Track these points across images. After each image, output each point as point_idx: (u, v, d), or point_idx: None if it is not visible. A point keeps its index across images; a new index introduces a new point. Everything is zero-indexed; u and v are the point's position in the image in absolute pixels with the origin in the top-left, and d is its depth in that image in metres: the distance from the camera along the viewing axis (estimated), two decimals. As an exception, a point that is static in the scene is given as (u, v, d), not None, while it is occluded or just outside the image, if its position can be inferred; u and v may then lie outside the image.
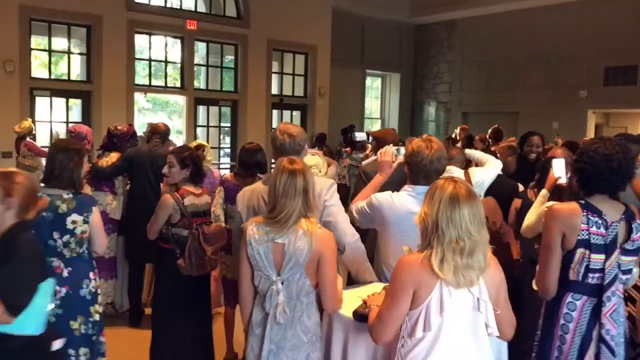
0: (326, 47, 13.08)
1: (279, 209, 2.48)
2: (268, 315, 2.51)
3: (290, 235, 2.47)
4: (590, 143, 2.62)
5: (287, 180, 2.49)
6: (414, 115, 16.39)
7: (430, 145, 2.98)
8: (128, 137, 5.45)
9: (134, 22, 10.39)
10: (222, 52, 12.13)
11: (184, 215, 3.75)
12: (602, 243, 2.44)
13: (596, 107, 12.81)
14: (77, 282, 3.22)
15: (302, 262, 2.47)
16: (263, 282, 2.53)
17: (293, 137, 2.98)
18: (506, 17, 13.57)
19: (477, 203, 2.09)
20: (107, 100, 10.11)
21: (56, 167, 3.22)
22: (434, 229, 2.06)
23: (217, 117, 12.47)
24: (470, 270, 2.03)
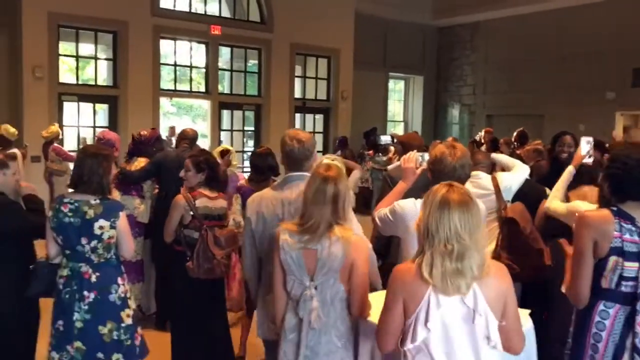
0: (349, 50, 13.08)
1: (307, 217, 2.49)
2: (302, 321, 2.49)
3: (324, 241, 2.46)
4: (623, 148, 2.58)
5: (318, 187, 2.48)
6: (437, 118, 16.29)
7: (454, 152, 2.91)
8: (153, 141, 5.51)
9: (159, 27, 10.52)
10: (245, 56, 12.21)
11: (194, 216, 3.78)
12: (635, 251, 2.39)
13: (624, 109, 12.57)
14: (106, 287, 3.23)
15: (337, 267, 2.46)
16: (296, 287, 2.52)
17: (302, 142, 2.95)
18: (531, 18, 13.41)
19: (471, 208, 2.05)
20: (133, 104, 10.26)
21: (85, 172, 3.23)
22: (426, 233, 2.05)
23: (241, 121, 12.57)
24: (459, 277, 1.99)
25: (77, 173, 3.26)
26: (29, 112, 9.23)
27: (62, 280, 3.22)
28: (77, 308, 3.16)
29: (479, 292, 2.03)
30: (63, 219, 3.17)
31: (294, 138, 2.97)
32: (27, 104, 9.28)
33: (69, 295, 3.18)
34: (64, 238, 3.18)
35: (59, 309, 3.23)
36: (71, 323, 3.16)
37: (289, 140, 2.96)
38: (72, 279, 3.19)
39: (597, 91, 12.24)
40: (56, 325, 3.22)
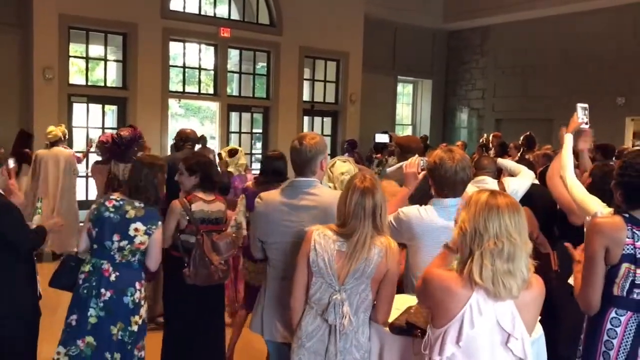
0: (358, 54, 13.08)
1: (349, 228, 2.45)
2: (329, 327, 2.43)
3: (360, 250, 2.41)
4: (634, 155, 2.55)
5: (357, 201, 2.45)
6: (446, 121, 16.25)
7: (452, 156, 2.91)
8: (135, 141, 5.46)
9: (169, 29, 10.56)
10: (254, 58, 12.24)
11: (190, 221, 3.73)
12: None
13: (634, 115, 12.50)
14: (122, 289, 3.25)
15: (370, 273, 2.42)
16: (323, 290, 2.46)
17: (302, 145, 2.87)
18: (541, 23, 13.36)
19: (519, 210, 2.00)
20: (142, 106, 10.29)
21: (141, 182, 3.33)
22: (473, 234, 1.97)
23: (250, 123, 12.59)
24: (510, 278, 1.92)
25: (134, 182, 3.37)
26: (39, 113, 9.27)
27: (83, 275, 3.28)
28: (93, 304, 3.21)
29: (517, 314, 1.98)
30: (103, 213, 3.26)
31: (297, 139, 2.93)
32: (37, 105, 9.33)
33: (87, 291, 3.23)
34: (98, 231, 3.26)
35: (75, 303, 3.28)
36: (85, 318, 3.20)
37: (295, 140, 2.94)
38: (93, 274, 3.25)
39: (607, 96, 12.17)
40: (69, 320, 3.26)
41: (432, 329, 2.06)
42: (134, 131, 5.51)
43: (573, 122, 3.55)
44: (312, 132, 3.18)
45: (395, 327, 2.44)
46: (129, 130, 5.51)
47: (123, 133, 5.40)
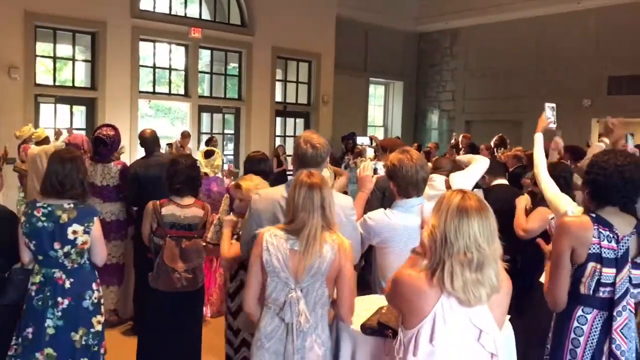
0: (330, 55, 13.11)
1: (299, 223, 2.45)
2: (287, 325, 2.43)
3: (314, 244, 2.42)
4: (601, 155, 2.60)
5: (306, 194, 2.47)
6: (416, 123, 16.39)
7: (410, 156, 2.99)
8: (120, 140, 5.36)
9: (139, 29, 10.42)
10: (226, 59, 12.16)
11: (159, 224, 3.68)
12: (613, 257, 2.41)
13: (600, 116, 12.77)
14: (80, 294, 3.17)
15: (325, 270, 2.43)
16: (279, 289, 2.45)
17: (316, 148, 2.90)
18: (511, 26, 13.58)
19: (487, 215, 2.01)
20: (111, 106, 10.13)
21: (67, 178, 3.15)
22: (443, 241, 1.98)
23: (221, 124, 12.49)
24: (480, 286, 1.95)
25: (57, 179, 3.16)
26: (4, 113, 9.04)
27: (35, 287, 3.14)
28: (50, 314, 3.10)
29: (488, 312, 2.01)
30: (36, 224, 3.09)
31: (309, 142, 2.91)
32: (2, 105, 9.10)
33: (42, 302, 3.11)
34: (37, 243, 3.11)
35: (29, 316, 3.14)
36: (42, 330, 3.09)
37: (303, 144, 2.91)
38: (45, 285, 3.13)
39: (574, 98, 12.43)
40: (24, 333, 3.12)
41: (404, 331, 2.06)
42: (116, 130, 5.38)
43: (541, 122, 3.63)
44: (312, 130, 3.17)
45: (367, 327, 2.44)
46: (111, 129, 5.35)
47: (108, 132, 5.24)
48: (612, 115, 9.71)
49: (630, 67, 11.91)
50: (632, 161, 2.48)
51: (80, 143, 5.21)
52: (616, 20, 11.99)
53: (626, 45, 11.83)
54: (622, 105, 12.08)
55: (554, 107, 3.66)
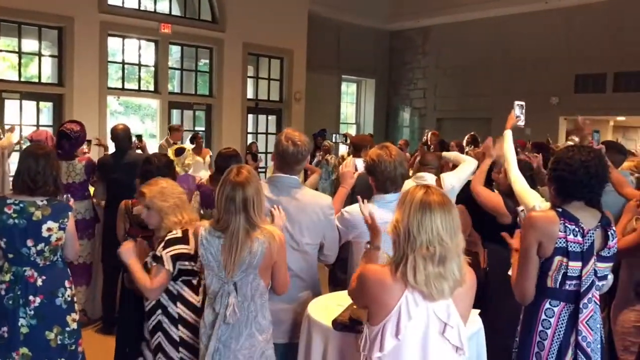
0: (302, 52, 13.08)
1: (223, 222, 2.49)
2: (219, 315, 2.51)
3: (235, 246, 2.46)
4: (565, 151, 2.64)
5: (228, 194, 2.48)
6: (389, 120, 16.48)
7: (389, 152, 3.03)
8: (85, 136, 5.23)
9: (107, 24, 10.24)
10: (196, 55, 12.05)
11: (131, 224, 3.65)
12: (579, 251, 2.46)
13: (567, 114, 13.03)
14: (53, 292, 3.12)
15: (256, 264, 2.49)
16: (215, 282, 2.53)
17: (297, 145, 2.92)
18: (480, 24, 13.74)
19: (450, 209, 2.03)
20: (79, 103, 9.94)
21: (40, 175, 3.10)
22: (406, 235, 2.00)
23: (192, 120, 12.37)
24: (442, 281, 1.97)
25: (29, 176, 3.10)
26: (-33, 109, 8.83)
27: (4, 285, 3.08)
28: (23, 314, 3.05)
29: (452, 304, 2.02)
30: (7, 221, 3.03)
31: (290, 139, 2.93)
32: (-35, 101, 8.89)
33: (13, 301, 3.05)
34: (7, 241, 3.05)
35: (1, 316, 3.07)
36: (16, 329, 3.04)
37: (285, 141, 2.93)
38: (16, 283, 3.06)
39: (542, 96, 12.63)
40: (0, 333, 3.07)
41: (370, 327, 2.06)
42: (82, 126, 5.24)
43: (510, 119, 3.70)
44: (292, 128, 3.16)
45: (339, 323, 2.44)
46: (77, 124, 5.22)
47: (73, 127, 5.10)
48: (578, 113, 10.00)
49: (596, 66, 12.16)
50: (596, 156, 2.54)
51: (44, 139, 5.08)
52: (583, 19, 12.23)
53: (593, 45, 12.07)
54: (588, 103, 12.34)
55: (522, 105, 3.72)
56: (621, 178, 3.89)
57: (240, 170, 2.56)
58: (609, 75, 12.08)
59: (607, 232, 2.53)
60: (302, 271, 2.95)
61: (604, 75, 12.13)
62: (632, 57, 11.57)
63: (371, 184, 3.12)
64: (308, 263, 2.98)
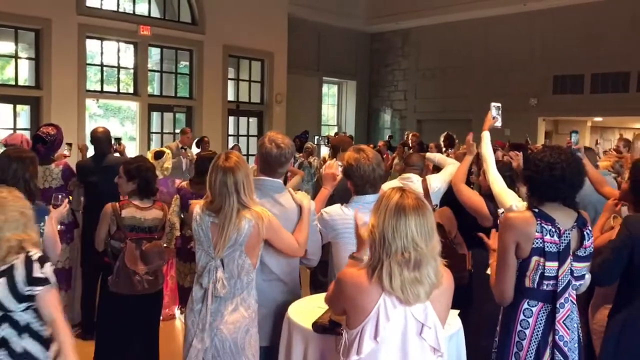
0: (283, 54, 13.07)
1: (217, 204, 2.65)
2: (206, 291, 2.62)
3: (228, 224, 2.60)
4: (538, 152, 2.67)
5: (220, 179, 2.64)
6: (369, 122, 16.54)
7: (366, 155, 3.04)
8: (62, 140, 5.14)
9: (85, 26, 10.15)
10: (176, 57, 11.98)
11: (119, 227, 3.62)
12: (555, 251, 2.48)
13: (546, 115, 13.20)
14: None
15: (243, 241, 2.61)
16: (204, 258, 2.68)
17: (280, 148, 2.92)
18: (460, 27, 13.85)
19: (425, 213, 2.02)
20: (57, 106, 9.83)
21: (9, 177, 3.03)
22: (382, 241, 2.00)
23: (172, 123, 12.29)
24: (418, 285, 1.97)
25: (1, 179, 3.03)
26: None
27: None
28: None
29: (429, 306, 2.02)
30: None
31: (274, 142, 2.93)
32: (-60, 104, 8.73)
33: None
34: None
35: None
36: None
37: (268, 143, 2.93)
38: None
39: (520, 97, 12.77)
40: None
41: (348, 331, 2.06)
42: (58, 129, 5.15)
43: (488, 121, 3.72)
44: (275, 131, 3.17)
45: (319, 326, 2.44)
46: (53, 128, 5.10)
47: (48, 130, 4.98)
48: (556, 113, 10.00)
49: (574, 68, 12.33)
50: (565, 159, 2.53)
51: (19, 143, 4.98)
52: (561, 21, 12.39)
53: (570, 46, 12.23)
54: (566, 104, 12.52)
55: (499, 106, 3.75)
56: (600, 177, 3.94)
57: (229, 155, 2.70)
58: (586, 76, 12.26)
59: (583, 232, 2.55)
60: (285, 275, 2.94)
61: (581, 76, 12.30)
62: (609, 59, 11.76)
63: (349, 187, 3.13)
64: (290, 267, 2.98)
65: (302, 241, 2.84)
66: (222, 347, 2.63)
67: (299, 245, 2.81)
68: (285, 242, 2.78)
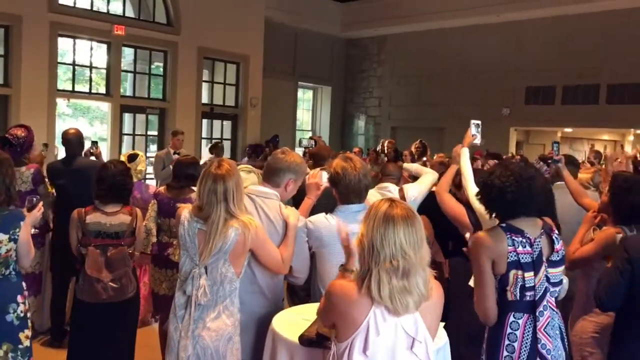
0: (259, 57, 13.00)
1: (205, 212, 2.63)
2: (190, 298, 2.61)
3: (215, 233, 2.59)
4: (489, 173, 2.68)
5: (210, 187, 2.62)
6: (344, 127, 16.57)
7: (353, 164, 3.03)
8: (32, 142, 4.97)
9: (58, 24, 9.93)
10: (150, 58, 11.81)
11: (84, 233, 3.54)
12: (530, 261, 2.49)
13: (517, 125, 13.40)
14: (3, 308, 2.95)
15: (227, 249, 2.59)
16: (187, 264, 2.67)
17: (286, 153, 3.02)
18: (435, 35, 13.99)
19: (414, 222, 2.01)
20: (26, 105, 9.58)
21: None
22: (370, 250, 1.98)
23: (144, 125, 12.09)
24: (407, 295, 1.95)
25: None
26: None
27: None
28: None
29: (419, 319, 2.00)
30: None
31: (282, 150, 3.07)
32: None
33: None
34: None
35: None
36: None
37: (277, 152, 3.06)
38: None
39: (493, 107, 12.96)
40: None
41: (337, 344, 2.03)
42: (29, 131, 4.96)
43: (467, 138, 3.74)
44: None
45: (305, 339, 2.39)
46: (23, 129, 4.92)
47: (17, 132, 4.81)
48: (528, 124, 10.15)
49: (546, 79, 12.56)
50: (514, 181, 2.54)
51: None
52: (534, 33, 12.61)
53: (542, 58, 12.46)
54: (538, 115, 12.74)
55: (479, 124, 3.79)
56: (579, 189, 3.99)
57: (222, 163, 2.69)
58: (557, 88, 12.50)
59: (551, 237, 2.58)
60: (268, 288, 2.89)
61: (553, 88, 12.54)
62: (579, 71, 12.02)
63: (334, 195, 3.10)
64: (274, 280, 2.93)
65: (287, 257, 2.79)
66: (204, 354, 2.60)
67: (283, 261, 2.77)
68: (270, 254, 2.73)
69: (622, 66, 11.52)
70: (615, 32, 11.67)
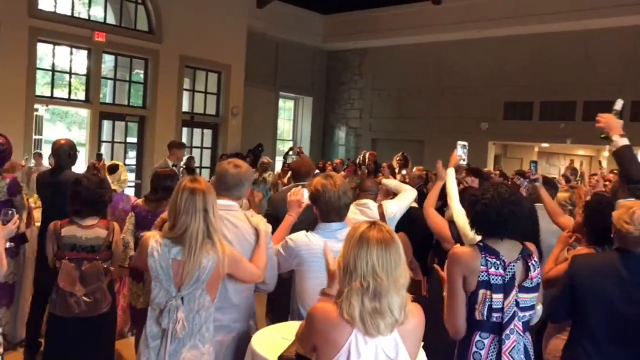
0: (240, 67, 13.01)
1: (181, 227, 2.49)
2: (165, 330, 2.51)
3: (194, 251, 2.48)
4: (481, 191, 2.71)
5: (187, 198, 2.50)
6: (325, 138, 16.62)
7: (334, 182, 3.02)
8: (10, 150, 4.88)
9: (37, 29, 9.84)
10: (131, 65, 11.74)
11: (59, 246, 3.50)
12: (501, 283, 2.54)
13: (496, 139, 13.56)
14: None
15: (205, 278, 2.50)
16: (161, 295, 2.53)
17: (239, 168, 2.94)
18: (416, 49, 14.13)
19: (390, 246, 2.01)
20: (3, 111, 9.45)
21: None
22: (345, 270, 1.99)
23: (124, 132, 12.01)
24: (378, 316, 1.95)
25: None
26: None
27: None
28: None
29: (400, 342, 2.00)
30: None
31: (232, 162, 2.97)
32: None
33: None
34: None
35: None
36: None
37: (226, 164, 2.96)
38: None
39: (472, 121, 13.11)
40: None
41: None
42: (7, 141, 4.86)
43: (453, 159, 3.81)
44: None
45: (285, 359, 2.39)
46: (1, 137, 4.83)
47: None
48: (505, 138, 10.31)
49: (524, 95, 12.75)
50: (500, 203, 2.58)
51: None
52: (513, 49, 12.80)
53: (521, 74, 12.65)
54: (516, 130, 12.91)
55: (465, 145, 3.85)
56: (556, 208, 4.05)
57: (197, 178, 2.61)
58: (535, 103, 12.69)
59: (528, 263, 2.62)
60: (241, 301, 2.89)
61: (530, 103, 12.73)
62: (556, 88, 12.22)
63: (315, 213, 3.11)
64: (246, 293, 2.93)
65: (262, 266, 2.79)
66: None
67: (259, 269, 2.77)
68: (246, 270, 2.71)
69: (598, 84, 11.74)
70: (593, 51, 11.91)
